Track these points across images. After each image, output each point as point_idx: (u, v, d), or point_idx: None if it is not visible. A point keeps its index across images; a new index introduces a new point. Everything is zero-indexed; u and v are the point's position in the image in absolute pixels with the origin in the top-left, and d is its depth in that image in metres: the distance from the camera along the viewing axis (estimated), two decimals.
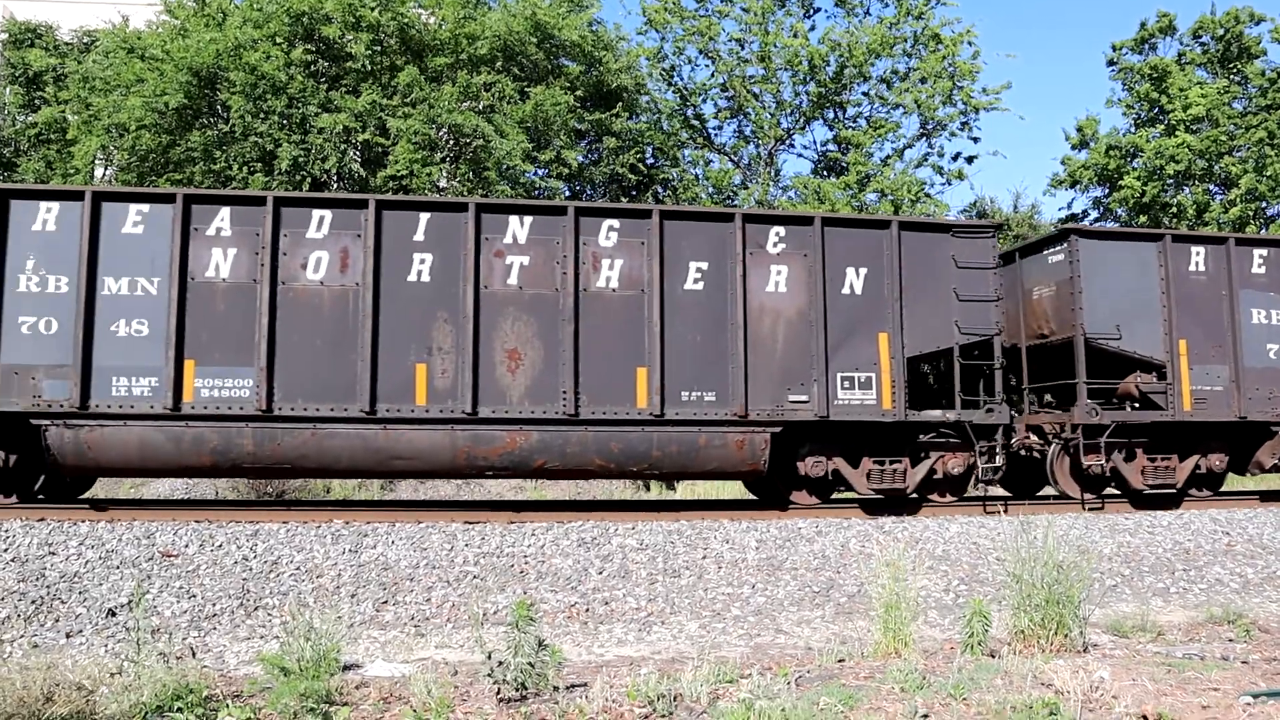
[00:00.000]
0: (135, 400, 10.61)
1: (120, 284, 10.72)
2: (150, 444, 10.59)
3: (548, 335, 11.21)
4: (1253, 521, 11.55)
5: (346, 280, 11.02)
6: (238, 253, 10.91)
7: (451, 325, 11.08)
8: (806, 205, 22.91)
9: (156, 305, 10.72)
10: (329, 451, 10.83)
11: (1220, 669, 6.17)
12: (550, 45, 20.40)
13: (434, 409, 10.96)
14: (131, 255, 10.76)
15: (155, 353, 10.67)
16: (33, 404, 10.47)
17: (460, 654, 7.30)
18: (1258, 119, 25.11)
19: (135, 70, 18.06)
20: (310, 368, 10.84)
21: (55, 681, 5.51)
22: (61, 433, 10.46)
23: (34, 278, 10.58)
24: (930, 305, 12.07)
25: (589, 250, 11.43)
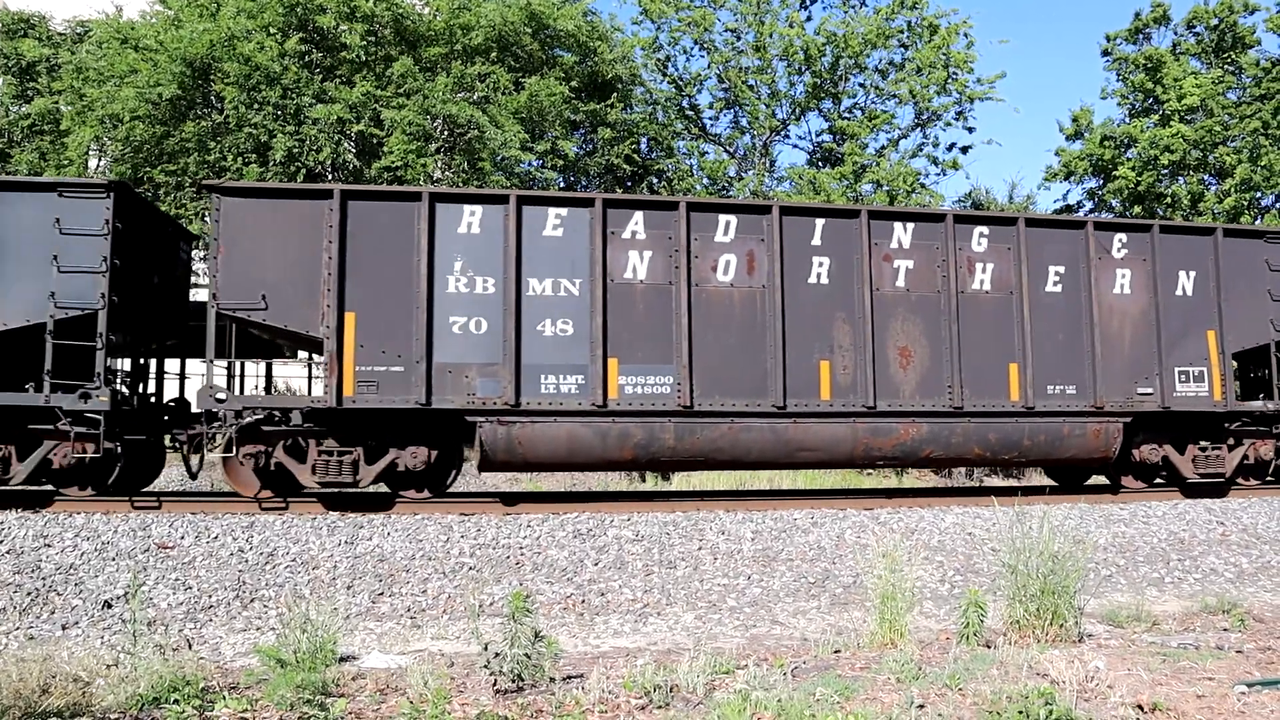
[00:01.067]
0: (564, 397, 11.05)
1: (544, 285, 11.15)
2: (578, 439, 11.06)
3: (932, 334, 11.96)
4: (1247, 511, 11.59)
5: (754, 282, 11.57)
6: (653, 255, 11.39)
7: (849, 324, 11.75)
8: (802, 195, 22.90)
9: (580, 305, 11.16)
10: (742, 444, 11.41)
11: (1215, 658, 6.19)
12: (545, 35, 20.36)
13: (836, 403, 11.63)
14: (553, 257, 11.18)
15: (580, 351, 11.11)
16: (467, 401, 10.83)
17: (457, 645, 7.31)
18: (1252, 109, 25.12)
19: (129, 61, 18.00)
20: (723, 365, 11.38)
21: (51, 673, 5.51)
22: (495, 429, 10.89)
23: (462, 279, 10.96)
24: (1248, 305, 13.07)
25: (964, 255, 12.17)
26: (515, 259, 11.01)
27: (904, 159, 24.93)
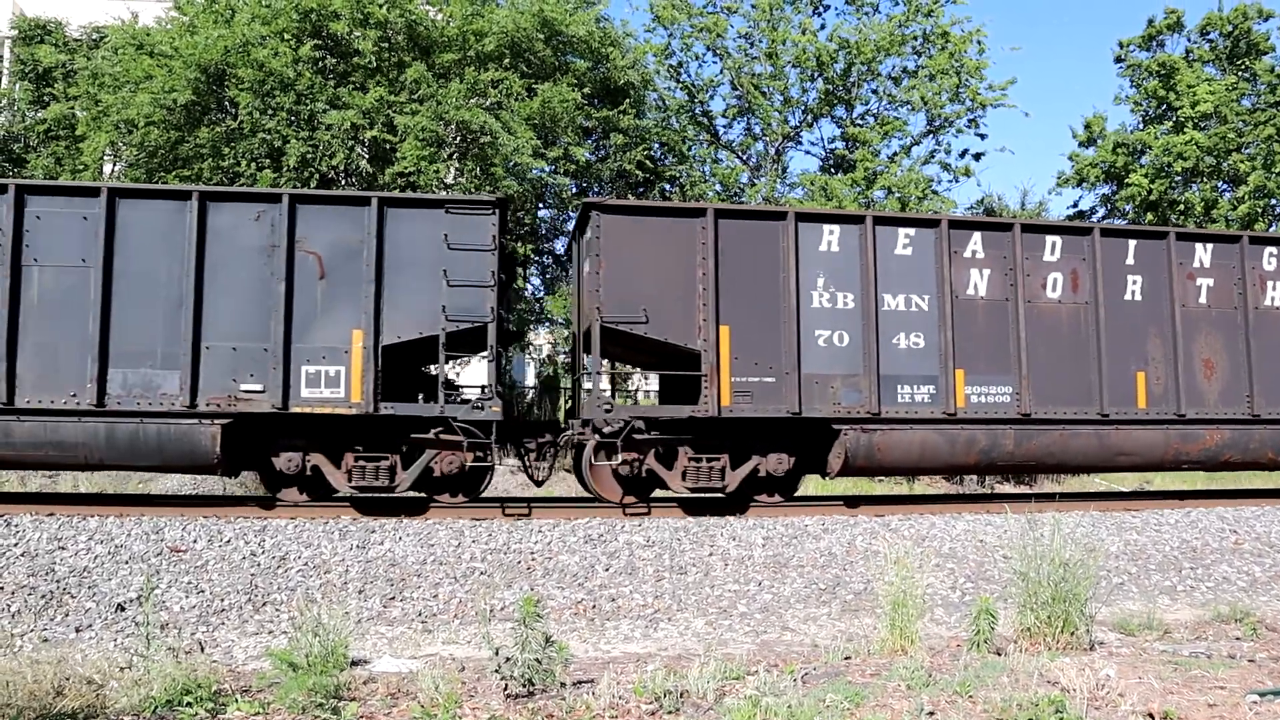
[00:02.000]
0: (917, 406, 11.84)
1: (897, 300, 11.94)
2: (929, 445, 11.84)
3: (1230, 347, 12.83)
4: (1260, 519, 11.53)
5: (1078, 299, 12.46)
6: (991, 273, 12.21)
7: (1160, 338, 12.63)
8: (814, 202, 22.90)
9: (929, 320, 11.98)
10: (1071, 449, 12.23)
11: (1227, 667, 6.17)
12: (557, 42, 20.39)
13: (1151, 411, 12.48)
14: (903, 274, 11.97)
15: (931, 363, 11.93)
16: (833, 410, 11.57)
17: (467, 650, 7.33)
18: (1266, 115, 25.02)
19: (144, 67, 18.11)
20: (1053, 376, 12.23)
21: (65, 675, 5.55)
22: (858, 436, 11.62)
23: (824, 294, 11.69)
24: None
25: (1256, 273, 13.01)
26: (872, 276, 11.80)
27: (916, 165, 24.90)
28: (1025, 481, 19.91)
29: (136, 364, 10.59)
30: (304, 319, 10.84)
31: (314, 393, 10.77)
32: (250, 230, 10.89)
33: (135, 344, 10.62)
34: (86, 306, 10.55)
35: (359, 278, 10.92)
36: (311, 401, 10.75)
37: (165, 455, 10.66)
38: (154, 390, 10.60)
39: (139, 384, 10.58)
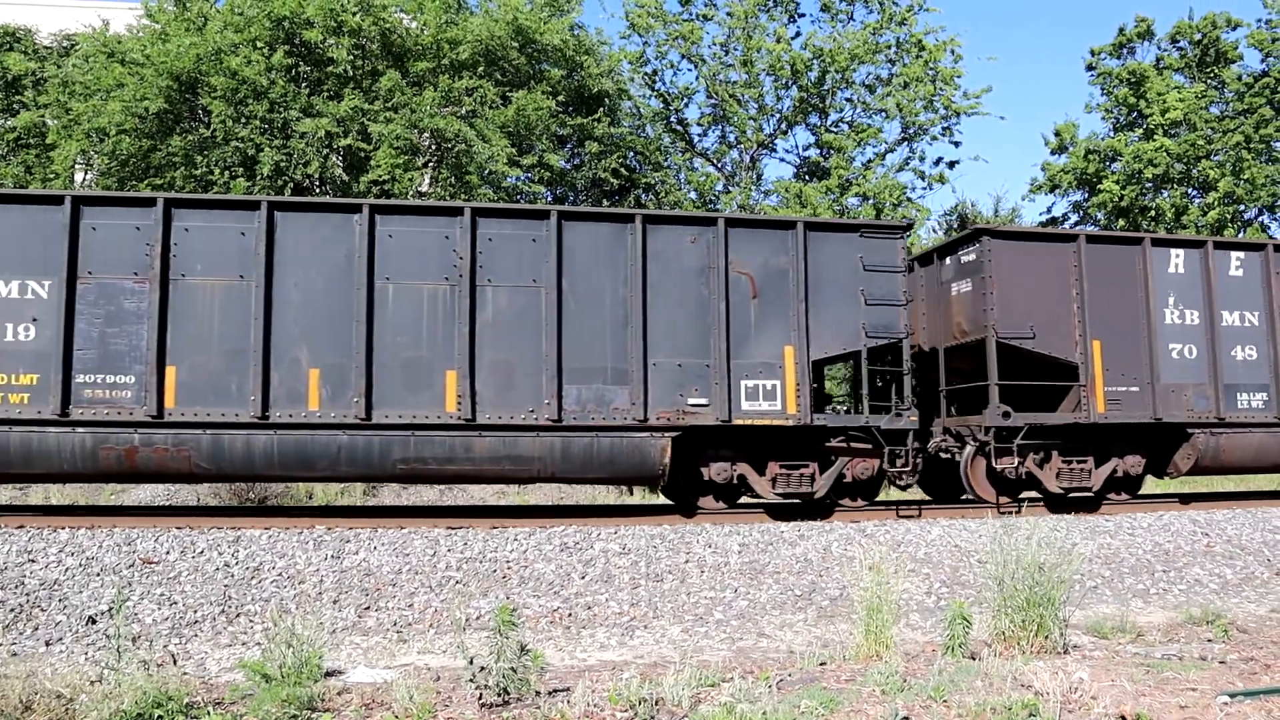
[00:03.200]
0: (1253, 412, 13.19)
1: (1233, 317, 13.31)
2: (1265, 447, 13.19)
3: None
4: (1231, 522, 11.65)
5: None
6: None
7: None
8: (789, 209, 22.99)
9: (1259, 334, 13.34)
10: None
11: (1198, 669, 6.22)
12: (532, 50, 20.40)
13: None
14: (1236, 293, 13.32)
15: (1262, 372, 13.30)
16: (1186, 415, 12.84)
17: (443, 659, 7.29)
18: (1235, 123, 25.35)
19: (115, 75, 17.97)
20: None
21: (34, 690, 5.47)
22: (1207, 439, 12.94)
23: (1175, 312, 13.07)
24: None
25: None
26: (1212, 294, 13.15)
27: (890, 173, 25.06)
28: None
29: (589, 380, 11.23)
30: (740, 336, 11.59)
31: (753, 405, 11.53)
32: (688, 252, 11.63)
33: (586, 361, 11.26)
34: (540, 326, 11.18)
35: (787, 297, 11.75)
36: (750, 414, 11.52)
37: (616, 467, 11.34)
38: (606, 405, 11.25)
39: (592, 399, 11.23)
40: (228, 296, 10.82)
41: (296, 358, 10.85)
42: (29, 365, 10.44)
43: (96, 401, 10.50)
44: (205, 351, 10.71)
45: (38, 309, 10.53)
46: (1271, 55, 26.09)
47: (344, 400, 10.83)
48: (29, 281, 10.56)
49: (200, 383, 10.67)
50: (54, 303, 10.52)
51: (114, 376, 10.56)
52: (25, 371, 10.43)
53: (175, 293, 10.73)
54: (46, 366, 10.44)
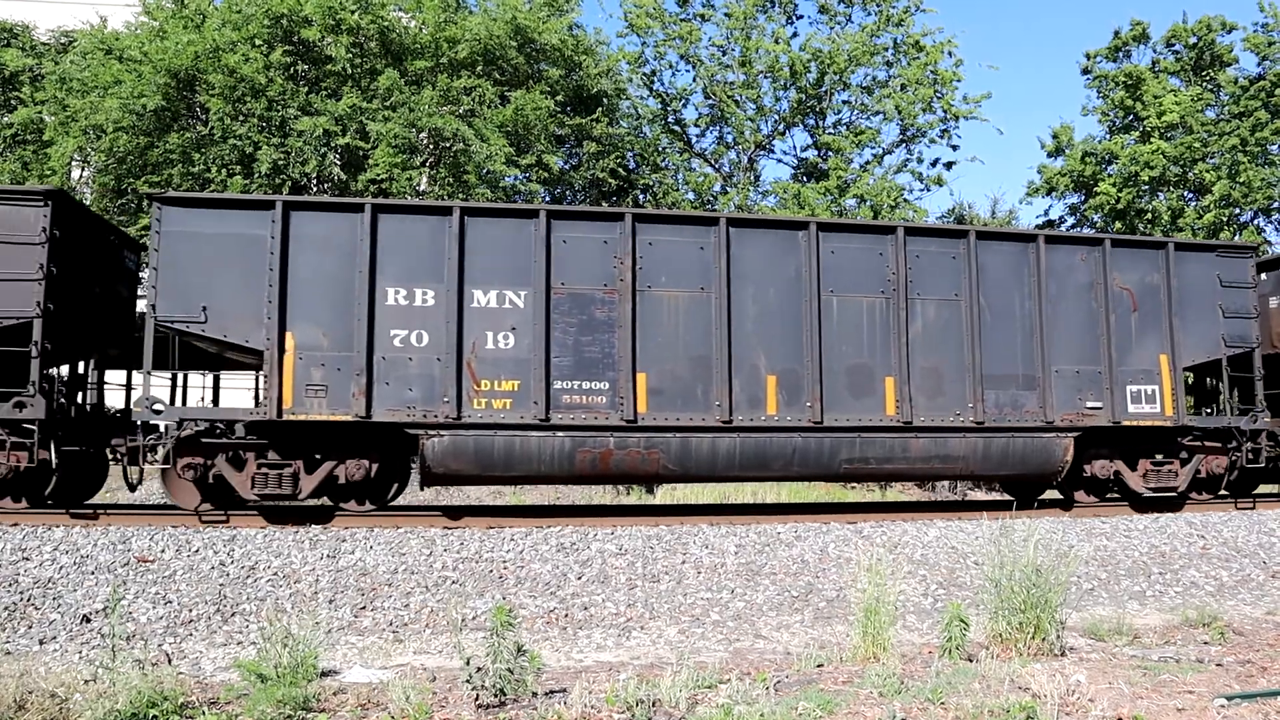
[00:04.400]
0: None
1: None
2: None
3: None
4: (1227, 525, 11.66)
5: None
6: None
7: None
8: (787, 210, 22.99)
9: None
10: None
11: (1195, 671, 6.23)
12: (530, 49, 20.38)
13: None
14: None
15: None
16: None
17: (439, 660, 7.28)
18: (1230, 126, 25.36)
19: (113, 71, 17.93)
20: None
21: (28, 689, 5.45)
22: None
23: None
24: None
25: None
26: None
27: (888, 174, 25.06)
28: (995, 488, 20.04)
29: (1004, 386, 12.24)
30: (1122, 345, 12.67)
31: (1136, 408, 12.65)
32: (1079, 269, 12.69)
33: (1001, 368, 12.25)
34: (963, 336, 12.14)
35: (1160, 310, 12.86)
36: (1135, 415, 12.63)
37: (1026, 465, 12.32)
38: (1019, 408, 12.26)
39: (1007, 403, 12.22)
40: (691, 307, 11.54)
41: (755, 365, 11.61)
42: (509, 372, 11.05)
43: (574, 407, 11.16)
44: (672, 359, 11.42)
45: (515, 318, 11.12)
46: (1267, 59, 26.10)
47: (798, 405, 11.63)
48: (506, 292, 11.15)
49: (668, 388, 11.38)
50: (530, 312, 11.14)
51: (589, 383, 11.23)
52: (506, 378, 11.03)
53: (642, 303, 11.40)
54: (526, 373, 11.07)
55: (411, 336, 10.92)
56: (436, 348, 10.92)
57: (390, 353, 10.86)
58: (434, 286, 11.00)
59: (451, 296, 10.96)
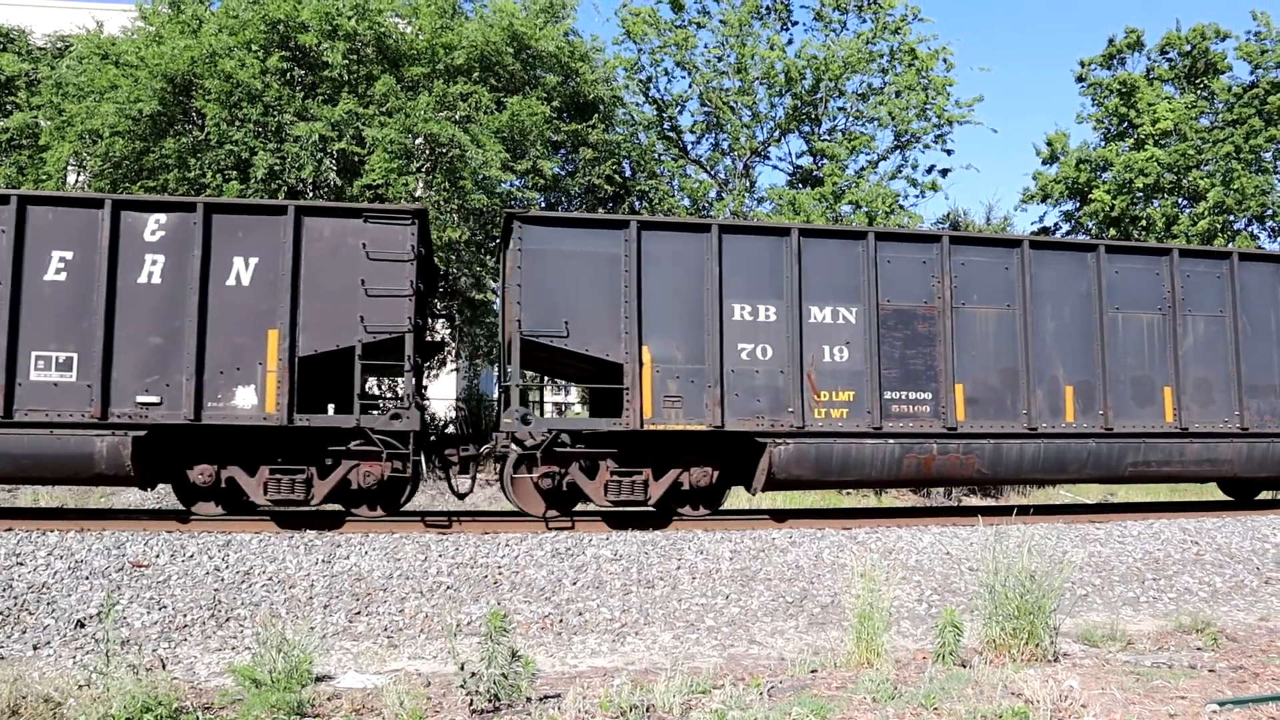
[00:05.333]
0: None
1: None
2: None
3: None
4: (1221, 531, 11.69)
5: None
6: None
7: None
8: (782, 216, 23.03)
9: None
10: None
11: (1188, 677, 6.25)
12: (527, 56, 20.40)
13: None
14: None
15: None
16: None
17: (433, 665, 7.28)
18: (1225, 133, 25.48)
19: (109, 76, 17.93)
20: None
21: (22, 694, 5.45)
22: None
23: None
24: None
25: None
26: None
27: (883, 181, 25.11)
28: (992, 494, 20.09)
29: (1263, 395, 13.21)
30: None
31: None
32: None
33: (1260, 379, 13.19)
34: (1226, 349, 13.09)
35: None
36: None
37: None
38: (1277, 415, 13.20)
39: (1267, 410, 13.17)
40: (998, 323, 12.43)
41: (1055, 376, 12.52)
42: (845, 383, 11.84)
43: (902, 415, 11.96)
44: (983, 371, 12.27)
45: (848, 333, 11.93)
46: (1260, 67, 26.23)
47: (1092, 413, 12.54)
48: (839, 308, 11.95)
49: (981, 398, 12.22)
50: (861, 327, 11.95)
51: (914, 393, 12.04)
52: (842, 389, 11.83)
53: (957, 319, 12.24)
54: (860, 384, 11.86)
55: (757, 350, 11.69)
56: (780, 361, 11.69)
57: (738, 366, 11.59)
58: (775, 303, 11.79)
59: (792, 312, 11.76)
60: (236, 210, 10.96)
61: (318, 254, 10.85)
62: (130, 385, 10.37)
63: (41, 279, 10.37)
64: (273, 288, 10.71)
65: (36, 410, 10.22)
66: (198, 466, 10.78)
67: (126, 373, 10.38)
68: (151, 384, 10.41)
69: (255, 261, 10.74)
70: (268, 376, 10.60)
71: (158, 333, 10.51)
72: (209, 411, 10.47)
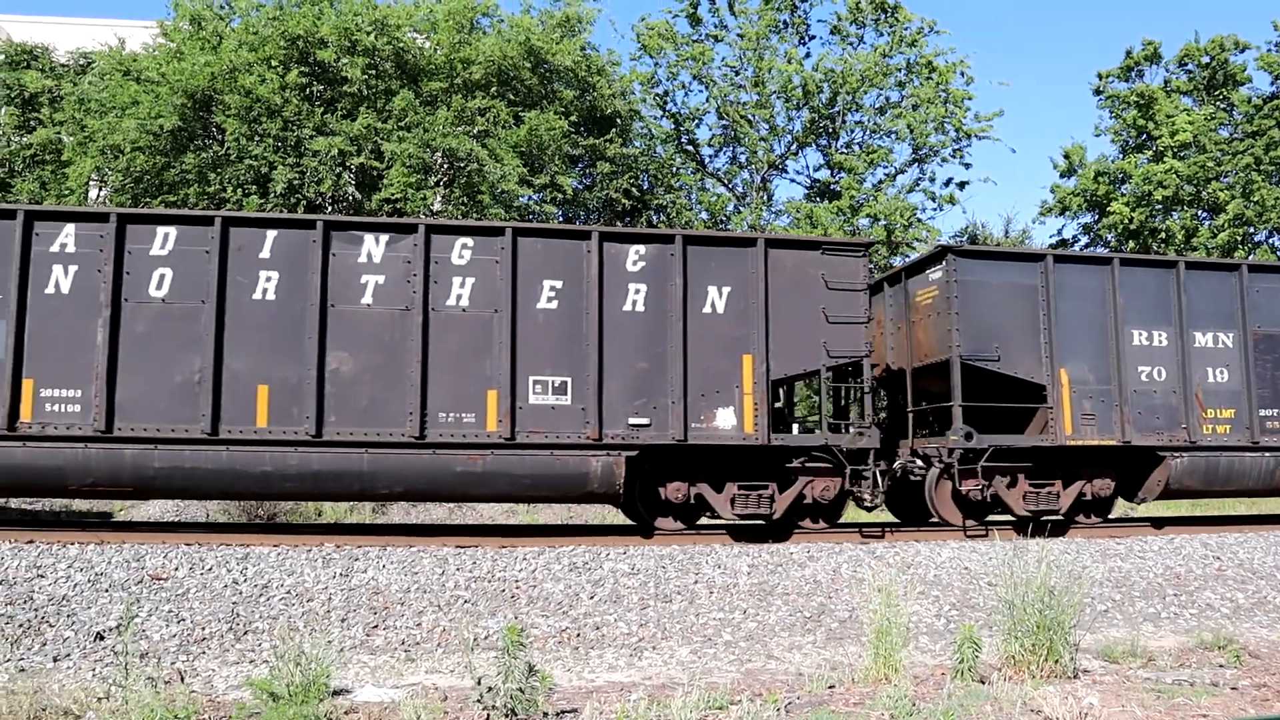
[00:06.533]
0: None
1: None
2: None
3: None
4: (1243, 546, 11.58)
5: None
6: None
7: None
8: (799, 230, 23.02)
9: None
10: None
11: (1210, 695, 6.18)
12: (544, 70, 20.51)
13: None
14: None
15: None
16: None
17: (450, 679, 7.28)
18: (1244, 145, 25.33)
19: (130, 92, 18.13)
20: None
21: (42, 706, 5.49)
22: None
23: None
24: None
25: None
26: None
27: (901, 194, 25.09)
28: None
29: None
30: None
31: None
32: None
33: None
34: None
35: None
36: None
37: None
38: None
39: None
40: None
41: None
42: (1225, 402, 12.90)
43: (1274, 431, 13.00)
44: None
45: (1227, 356, 12.99)
46: None
47: None
48: (1218, 333, 13.01)
49: None
50: (1237, 351, 13.03)
51: None
52: (1224, 407, 12.89)
53: None
54: (1239, 403, 12.92)
55: (1153, 372, 12.73)
56: (1171, 381, 12.74)
57: (1138, 386, 12.61)
58: (1165, 329, 12.84)
59: (1181, 337, 12.80)
60: (710, 242, 11.80)
61: (782, 283, 11.67)
62: (620, 408, 11.12)
63: (535, 307, 11.08)
64: (744, 315, 11.52)
65: (536, 433, 10.90)
66: (672, 484, 11.47)
67: (616, 396, 11.11)
68: (640, 406, 11.18)
69: (728, 290, 11.52)
70: (744, 399, 11.41)
71: (643, 358, 11.24)
72: (693, 432, 11.22)
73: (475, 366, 10.85)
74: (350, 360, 10.70)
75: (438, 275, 10.92)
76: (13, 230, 10.41)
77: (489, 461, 10.77)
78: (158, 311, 10.50)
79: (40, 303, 10.41)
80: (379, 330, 10.77)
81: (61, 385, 10.34)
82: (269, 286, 10.69)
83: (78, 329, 10.39)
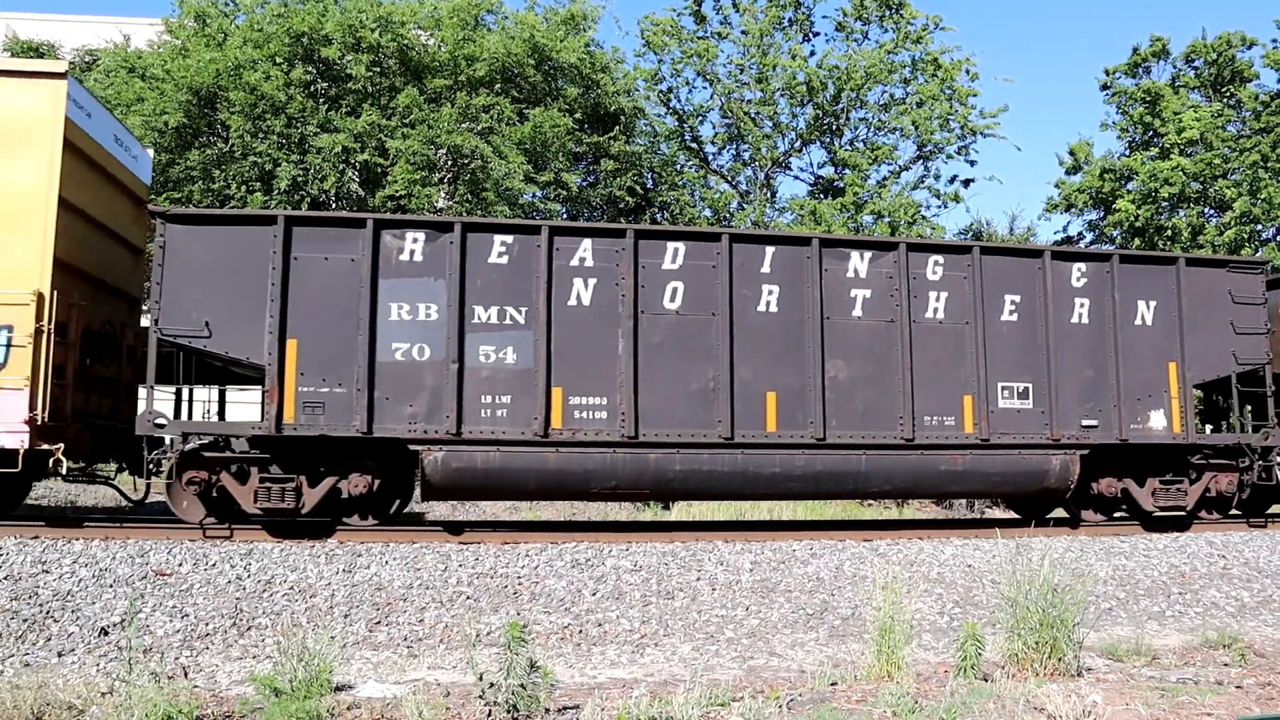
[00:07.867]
0: None
1: None
2: None
3: None
4: (1249, 545, 11.54)
5: None
6: None
7: None
8: (803, 227, 22.98)
9: None
10: None
11: (1214, 694, 6.17)
12: (548, 67, 20.52)
13: None
14: None
15: None
16: None
17: (453, 675, 7.28)
18: (1251, 142, 25.22)
19: (135, 89, 18.18)
20: None
21: (46, 701, 5.50)
22: None
23: None
24: None
25: None
26: None
27: (905, 191, 25.03)
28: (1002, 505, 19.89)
29: None
30: None
31: None
32: None
33: None
34: None
35: None
36: None
37: None
38: None
39: None
40: None
41: None
42: None
43: None
44: None
45: None
46: None
47: None
48: None
49: None
50: None
51: None
52: None
53: None
54: None
55: None
56: None
57: None
58: None
59: None
60: (1138, 260, 12.85)
61: (1197, 298, 12.68)
62: (1072, 411, 12.10)
63: (999, 319, 12.06)
64: (1167, 327, 12.54)
65: (1005, 434, 11.87)
66: (1104, 480, 12.49)
67: (1069, 400, 12.10)
68: (1088, 410, 12.17)
69: (1154, 304, 12.54)
70: (1172, 402, 12.51)
71: (1089, 365, 12.27)
72: (1132, 432, 12.25)
73: (952, 374, 11.86)
74: (845, 368, 11.62)
75: (915, 290, 11.91)
76: (538, 245, 11.00)
77: (967, 461, 11.77)
78: (672, 323, 11.20)
79: (563, 314, 11.01)
80: (868, 340, 11.70)
81: (588, 394, 10.99)
82: (771, 299, 11.50)
83: (600, 340, 11.06)
